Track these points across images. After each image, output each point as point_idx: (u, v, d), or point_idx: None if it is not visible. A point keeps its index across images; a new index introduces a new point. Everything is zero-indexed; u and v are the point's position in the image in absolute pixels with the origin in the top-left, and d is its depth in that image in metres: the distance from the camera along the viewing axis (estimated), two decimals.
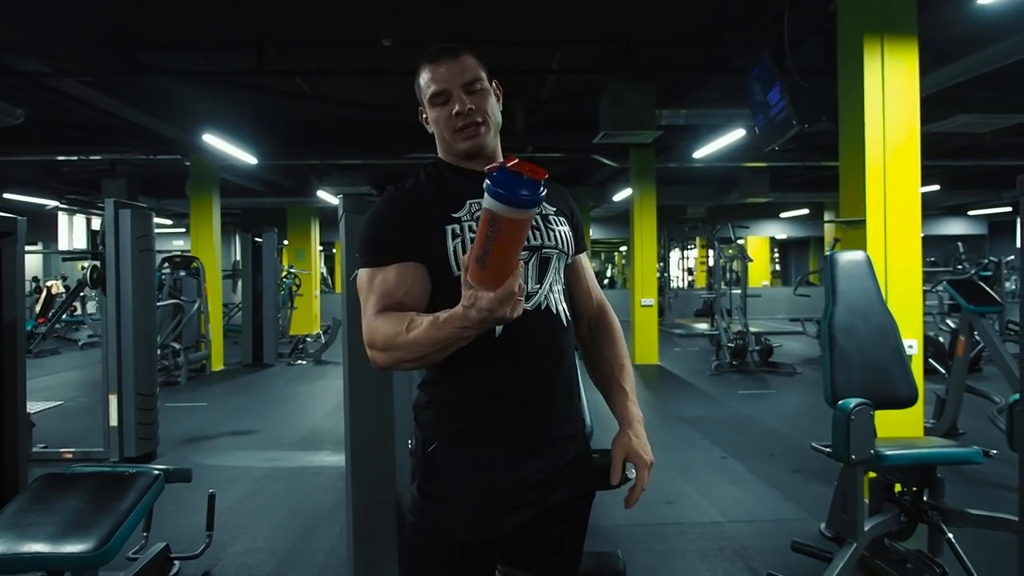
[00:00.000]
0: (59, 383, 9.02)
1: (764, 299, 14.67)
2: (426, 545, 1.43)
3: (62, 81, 6.15)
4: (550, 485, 1.44)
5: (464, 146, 1.47)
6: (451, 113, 1.45)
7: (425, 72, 1.47)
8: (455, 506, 1.40)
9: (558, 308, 1.46)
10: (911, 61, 4.26)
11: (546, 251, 1.46)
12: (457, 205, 1.43)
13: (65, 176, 12.60)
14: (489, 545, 1.41)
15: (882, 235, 4.23)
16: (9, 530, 2.53)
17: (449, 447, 1.42)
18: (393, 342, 1.30)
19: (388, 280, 1.38)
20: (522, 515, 1.41)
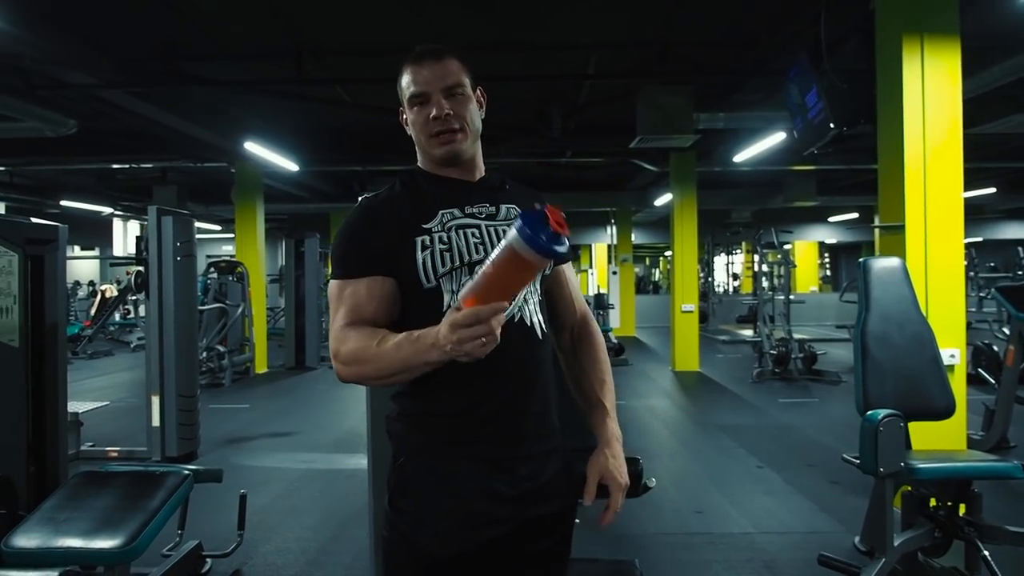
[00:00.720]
0: (110, 384, 9.31)
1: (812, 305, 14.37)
2: (399, 560, 1.40)
3: (111, 92, 6.35)
4: (527, 500, 1.39)
5: (439, 152, 1.44)
6: (428, 117, 1.43)
7: (407, 73, 1.45)
8: (425, 521, 1.36)
9: (533, 320, 1.41)
10: (952, 61, 4.14)
11: None
12: (429, 215, 1.41)
13: (119, 183, 13.02)
14: (461, 560, 1.36)
15: (922, 241, 4.11)
16: (45, 525, 2.63)
17: (419, 461, 1.39)
18: (359, 356, 1.30)
19: (358, 294, 1.37)
20: (495, 530, 1.37)
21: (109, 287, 14.34)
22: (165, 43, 6.04)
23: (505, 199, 1.49)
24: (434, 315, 1.32)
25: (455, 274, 1.36)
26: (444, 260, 1.36)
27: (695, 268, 10.44)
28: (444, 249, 1.37)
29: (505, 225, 1.43)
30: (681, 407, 7.59)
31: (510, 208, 1.48)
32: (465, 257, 1.37)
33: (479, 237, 1.40)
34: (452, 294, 1.36)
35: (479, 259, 1.37)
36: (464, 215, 1.42)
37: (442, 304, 1.36)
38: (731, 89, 7.22)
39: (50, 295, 3.49)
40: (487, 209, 1.45)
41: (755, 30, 5.63)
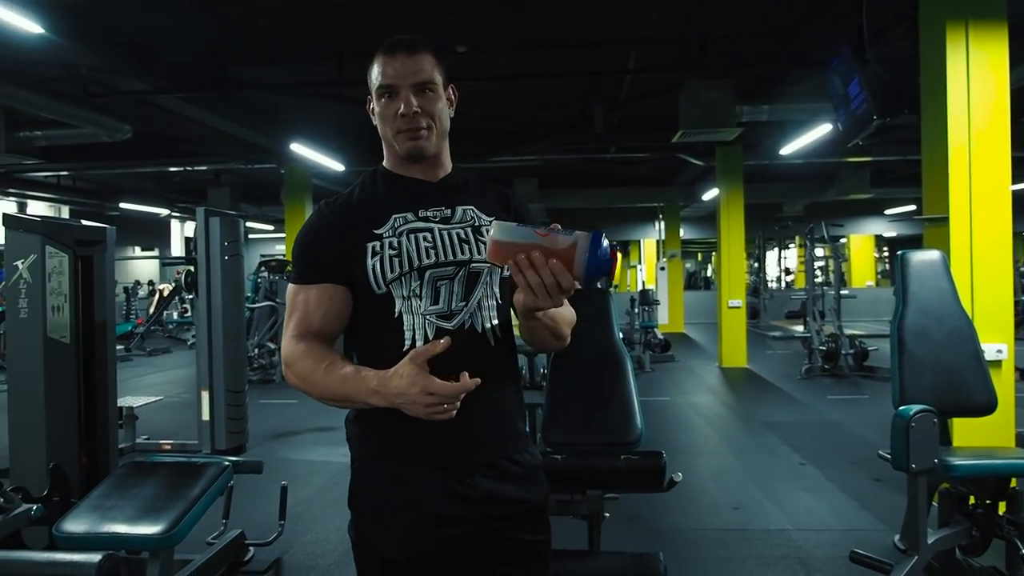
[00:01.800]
0: (166, 380, 9.63)
1: (868, 300, 14.05)
2: (363, 562, 1.41)
3: (162, 98, 6.58)
4: (484, 502, 1.37)
5: (404, 147, 1.42)
6: (396, 112, 1.40)
7: (377, 63, 1.42)
8: (381, 524, 1.37)
9: (485, 327, 1.38)
10: (999, 49, 4.01)
11: (475, 266, 1.40)
12: (381, 220, 1.40)
13: (175, 186, 13.46)
14: (420, 562, 1.36)
15: (967, 233, 4.00)
16: (93, 511, 2.76)
17: (372, 465, 1.41)
18: (306, 378, 1.35)
19: (308, 301, 1.39)
20: (451, 531, 1.36)
21: (166, 286, 14.83)
22: (212, 49, 6.24)
23: (464, 200, 1.47)
24: (385, 321, 1.37)
25: (404, 279, 1.36)
26: (393, 266, 1.36)
27: (742, 263, 10.30)
28: (393, 255, 1.37)
29: (460, 228, 1.42)
30: (726, 403, 7.51)
31: (467, 210, 1.46)
32: (415, 262, 1.37)
33: (431, 241, 1.39)
34: (403, 299, 1.36)
35: (429, 264, 1.37)
36: (417, 218, 1.42)
37: (393, 309, 1.37)
38: (774, 81, 7.10)
39: (99, 294, 3.65)
40: (442, 212, 1.44)
41: (796, 20, 5.54)
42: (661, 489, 2.61)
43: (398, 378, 1.24)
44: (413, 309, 1.36)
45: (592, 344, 3.12)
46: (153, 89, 6.34)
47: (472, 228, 1.44)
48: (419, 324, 1.36)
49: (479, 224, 1.45)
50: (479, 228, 1.44)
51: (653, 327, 10.65)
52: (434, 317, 1.36)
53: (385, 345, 1.36)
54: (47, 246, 3.37)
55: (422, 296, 1.36)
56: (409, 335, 1.36)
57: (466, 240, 1.41)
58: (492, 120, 8.06)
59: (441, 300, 1.37)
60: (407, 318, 1.36)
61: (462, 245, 1.41)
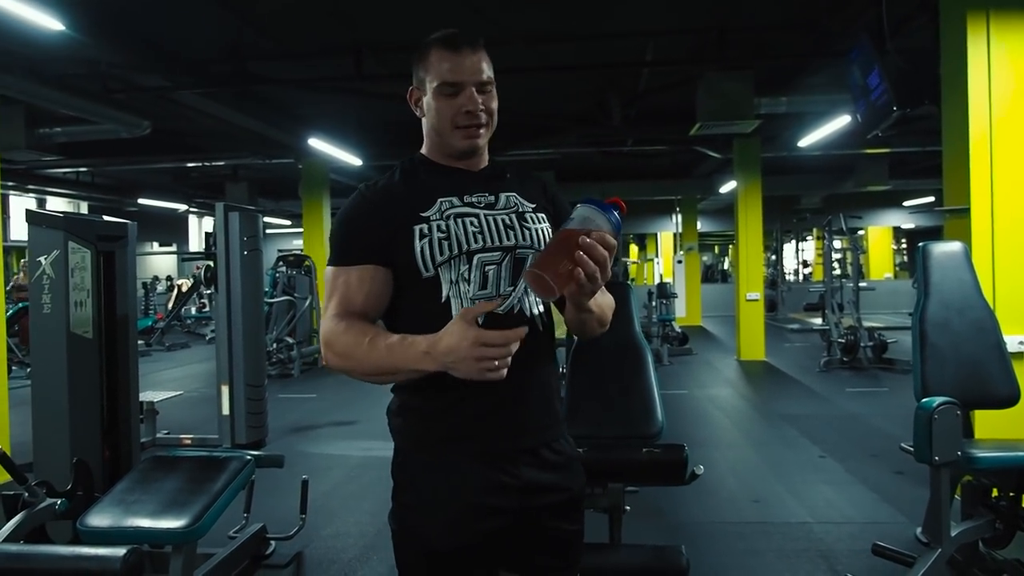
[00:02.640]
0: (186, 374, 9.72)
1: (887, 292, 13.92)
2: (407, 554, 1.41)
3: (181, 94, 6.63)
4: (528, 490, 1.38)
5: (462, 144, 1.43)
6: (459, 109, 1.40)
7: (440, 57, 1.40)
8: (428, 515, 1.37)
9: (533, 311, 1.39)
10: (1020, 38, 3.95)
11: (520, 251, 1.40)
12: (427, 204, 1.40)
13: (193, 181, 13.55)
14: (466, 552, 1.37)
15: (989, 224, 3.96)
16: (116, 506, 2.78)
17: (419, 456, 1.41)
18: (349, 352, 1.32)
19: (350, 283, 1.38)
20: (497, 521, 1.37)
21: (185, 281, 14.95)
22: (231, 45, 6.26)
23: (505, 188, 1.48)
24: (432, 305, 1.35)
25: (453, 263, 1.35)
26: (443, 248, 1.36)
27: (760, 256, 10.24)
28: (443, 237, 1.36)
29: (504, 214, 1.43)
30: (744, 396, 7.48)
31: (510, 196, 1.46)
32: (464, 246, 1.36)
33: (477, 226, 1.39)
34: (450, 283, 1.36)
35: (478, 248, 1.37)
36: (463, 204, 1.41)
37: (440, 293, 1.36)
38: (792, 73, 7.05)
39: (121, 289, 3.68)
40: (486, 198, 1.44)
41: (815, 11, 5.49)
42: (683, 482, 2.60)
43: (448, 336, 1.22)
44: (461, 293, 1.36)
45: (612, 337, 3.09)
46: (172, 85, 6.37)
47: (516, 214, 1.44)
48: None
49: (523, 211, 1.46)
50: (523, 215, 1.45)
51: (671, 320, 10.62)
52: (484, 301, 1.34)
53: (432, 330, 1.29)
54: (70, 242, 3.41)
55: (470, 280, 1.36)
56: None
57: (511, 226, 1.42)
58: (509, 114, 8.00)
59: (489, 284, 1.37)
60: (455, 302, 1.36)
61: (508, 231, 1.41)
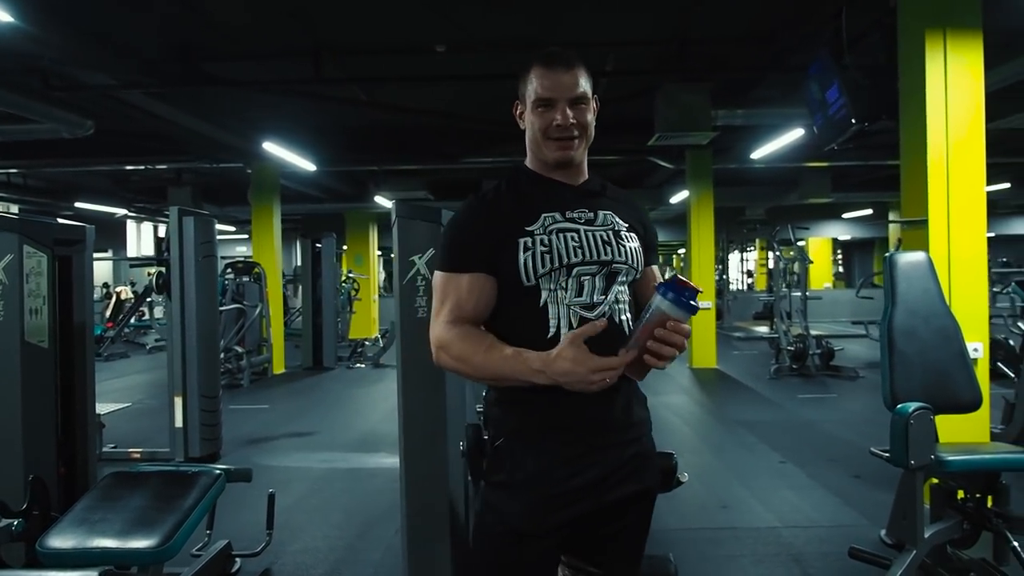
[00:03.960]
0: (128, 385, 9.37)
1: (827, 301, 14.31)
2: (487, 532, 1.53)
3: (128, 93, 6.39)
4: (606, 483, 1.50)
5: (554, 155, 1.54)
6: (551, 123, 1.51)
7: (537, 75, 1.52)
8: (515, 495, 1.48)
9: (621, 318, 1.52)
10: (975, 56, 4.11)
11: (615, 266, 1.53)
12: (532, 218, 1.51)
13: (133, 185, 13.09)
14: (544, 535, 1.48)
15: (945, 235, 4.09)
16: (79, 526, 2.64)
17: (514, 441, 1.51)
18: (465, 358, 1.46)
19: (461, 289, 1.50)
20: (576, 509, 1.48)
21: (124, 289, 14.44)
22: (184, 44, 6.08)
23: (603, 206, 1.60)
24: (531, 312, 1.48)
25: (554, 275, 1.47)
26: (544, 261, 1.47)
27: (712, 265, 10.42)
28: (544, 251, 1.47)
29: (602, 231, 1.55)
30: (701, 404, 7.58)
31: (607, 215, 1.58)
32: (564, 259, 1.48)
33: (578, 241, 1.50)
34: (550, 292, 1.48)
35: (577, 261, 1.49)
36: (564, 219, 1.53)
37: (539, 299, 1.48)
38: (749, 85, 7.19)
39: (78, 296, 3.52)
40: (586, 215, 1.55)
41: (774, 26, 5.61)
42: (669, 489, 2.59)
43: (562, 360, 1.36)
44: (558, 300, 1.48)
45: None
46: (120, 84, 6.14)
47: (613, 232, 1.56)
48: (564, 314, 1.48)
49: (618, 229, 1.57)
50: (619, 232, 1.57)
51: None
52: (578, 308, 1.48)
53: (530, 332, 1.47)
54: (25, 246, 3.24)
55: (567, 288, 1.48)
56: (554, 323, 1.47)
57: (608, 243, 1.54)
58: (468, 120, 8.03)
59: (584, 292, 1.49)
60: (552, 308, 1.48)
61: (605, 247, 1.53)
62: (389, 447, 5.67)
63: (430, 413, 2.95)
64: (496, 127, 8.11)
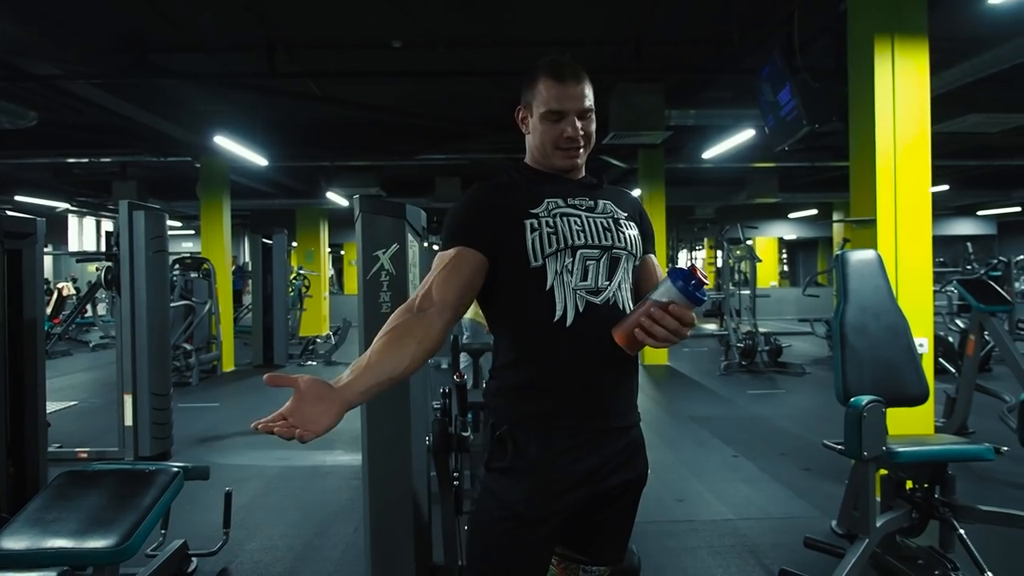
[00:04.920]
0: (72, 384, 9.08)
1: (773, 300, 14.65)
2: (487, 517, 1.55)
3: (74, 84, 6.20)
4: (603, 470, 1.54)
5: (562, 163, 1.62)
6: (561, 134, 1.57)
7: (547, 85, 1.57)
8: (517, 481, 1.51)
9: (625, 305, 1.56)
10: (922, 61, 4.26)
11: (616, 251, 1.57)
12: (536, 202, 1.57)
13: (75, 178, 12.67)
14: (544, 520, 1.51)
15: (892, 235, 4.23)
16: (33, 526, 2.57)
17: (516, 430, 1.54)
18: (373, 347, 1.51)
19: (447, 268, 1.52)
20: (575, 495, 1.52)
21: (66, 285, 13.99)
22: (133, 34, 5.91)
23: (602, 196, 1.66)
24: (537, 292, 1.51)
25: (559, 255, 1.51)
26: (551, 242, 1.52)
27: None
28: (551, 232, 1.52)
29: (603, 218, 1.61)
30: (654, 399, 7.68)
31: (606, 203, 1.64)
32: (568, 241, 1.52)
33: (580, 225, 1.56)
34: (555, 274, 1.51)
35: (581, 244, 1.54)
36: (567, 205, 1.59)
37: (546, 282, 1.51)
38: (702, 86, 7.33)
39: (28, 291, 3.41)
40: (587, 202, 1.62)
41: (727, 28, 5.72)
42: None
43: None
44: (564, 283, 1.51)
45: None
46: (65, 74, 5.95)
47: (612, 219, 1.62)
48: (570, 296, 1.51)
49: (617, 217, 1.63)
50: (618, 220, 1.63)
51: None
52: (584, 292, 1.52)
53: (537, 315, 1.51)
54: None
55: (573, 272, 1.52)
56: (560, 306, 1.50)
57: (608, 229, 1.59)
58: (422, 117, 7.99)
59: (589, 277, 1.53)
60: (558, 291, 1.51)
61: (606, 233, 1.58)
62: (345, 444, 5.62)
63: (394, 410, 2.94)
64: (451, 124, 8.10)
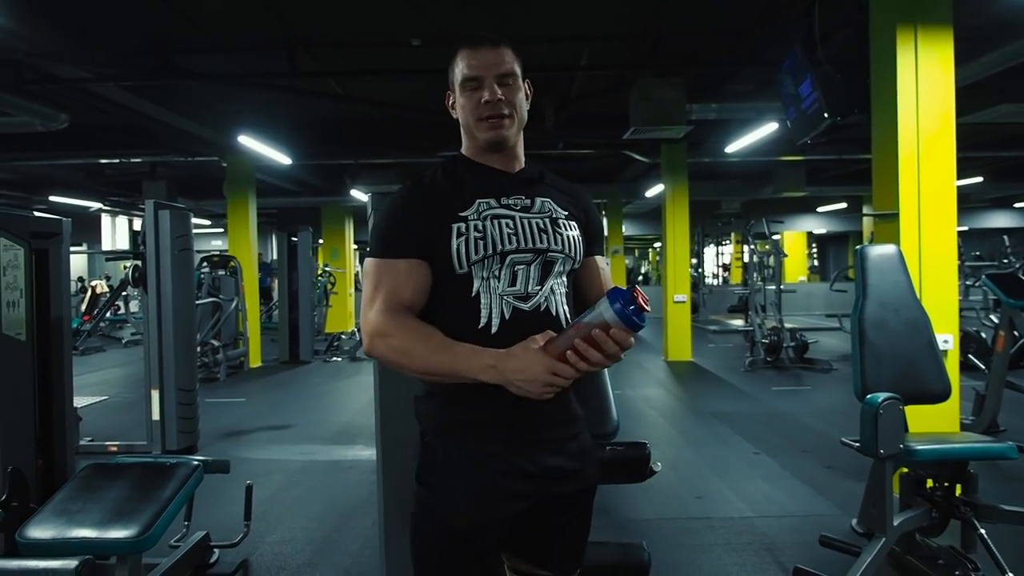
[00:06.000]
0: (104, 379, 9.28)
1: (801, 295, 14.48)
2: (426, 534, 1.45)
3: (102, 86, 6.33)
4: (548, 479, 1.44)
5: (486, 136, 1.49)
6: (480, 101, 1.47)
7: (462, 57, 1.49)
8: (449, 494, 1.42)
9: (558, 311, 1.46)
10: (945, 51, 4.19)
11: (551, 255, 1.47)
12: (466, 204, 1.46)
13: (107, 179, 12.93)
14: (483, 533, 1.43)
15: (916, 228, 4.17)
16: (58, 516, 2.64)
17: (445, 439, 1.45)
18: (410, 350, 1.39)
19: (397, 275, 1.43)
20: (517, 505, 1.43)
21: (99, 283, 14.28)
22: (157, 37, 6.02)
23: (541, 193, 1.55)
24: (463, 299, 1.43)
25: (487, 262, 1.42)
26: (477, 248, 1.42)
27: (687, 259, 10.50)
28: (478, 237, 1.42)
29: (539, 218, 1.49)
30: (676, 396, 7.66)
31: (545, 202, 1.53)
32: (498, 246, 1.43)
33: (512, 228, 1.45)
34: (483, 280, 1.42)
35: (511, 249, 1.43)
36: (500, 205, 1.48)
37: (471, 291, 1.42)
38: (723, 80, 7.26)
39: (55, 289, 3.49)
40: (522, 201, 1.51)
41: (747, 20, 5.67)
42: (643, 479, 2.64)
43: (518, 360, 1.30)
44: (491, 289, 1.42)
45: None
46: (93, 77, 6.07)
47: (550, 220, 1.51)
48: (496, 303, 1.42)
49: (556, 216, 1.52)
50: (556, 220, 1.51)
51: None
52: (511, 298, 1.42)
53: (461, 322, 1.41)
54: (1, 238, 3.20)
55: (500, 278, 1.43)
56: (486, 313, 1.42)
57: (544, 230, 1.48)
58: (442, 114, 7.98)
59: (518, 283, 1.44)
60: (484, 297, 1.42)
61: (541, 235, 1.47)
62: (366, 439, 5.68)
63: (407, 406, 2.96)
64: None
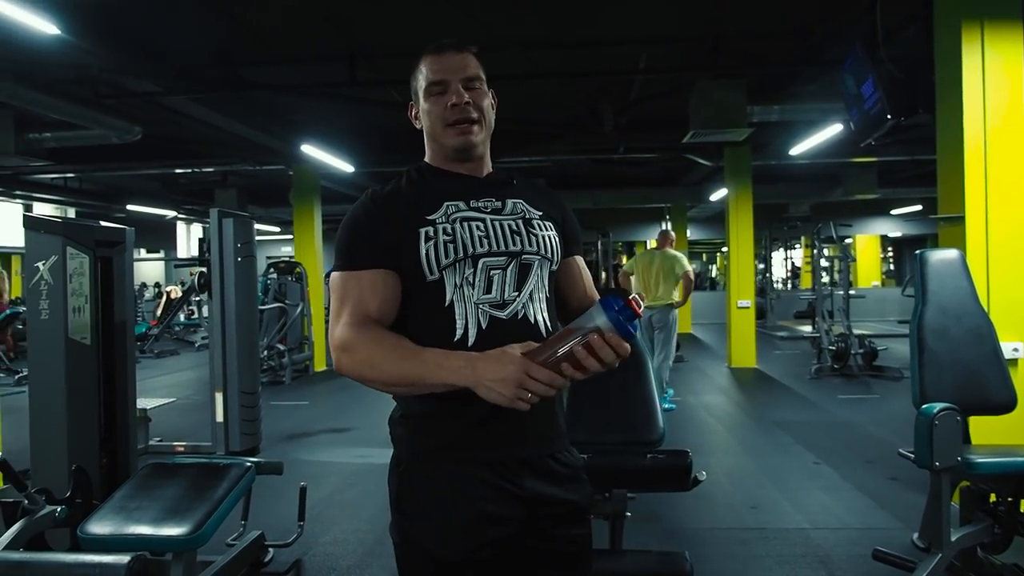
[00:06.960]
0: (176, 382, 9.65)
1: (874, 300, 14.04)
2: (411, 566, 1.39)
3: (172, 99, 6.60)
4: (533, 500, 1.37)
5: (454, 142, 1.43)
6: (447, 105, 1.42)
7: (426, 63, 1.45)
8: (430, 524, 1.35)
9: (537, 318, 1.38)
10: (1013, 47, 4.01)
11: (526, 257, 1.40)
12: (434, 207, 1.40)
13: (182, 188, 13.47)
14: (465, 562, 1.34)
15: (983, 232, 4.00)
16: (117, 513, 2.76)
17: (422, 464, 1.39)
18: (376, 363, 1.31)
19: (363, 288, 1.36)
20: (501, 531, 1.35)
21: (174, 288, 14.86)
22: (223, 51, 6.25)
23: (512, 195, 1.48)
24: (435, 309, 1.35)
25: (458, 266, 1.35)
26: (448, 251, 1.35)
27: (751, 263, 10.29)
28: (448, 240, 1.36)
29: (511, 220, 1.43)
30: (737, 403, 7.51)
31: (516, 203, 1.46)
32: (469, 249, 1.36)
33: (484, 230, 1.39)
34: (455, 287, 1.35)
35: (483, 252, 1.37)
36: (469, 208, 1.41)
37: (444, 297, 1.35)
38: (785, 81, 7.10)
39: (119, 295, 3.66)
40: (493, 203, 1.44)
41: (808, 20, 5.54)
42: (686, 488, 2.61)
43: (493, 360, 1.23)
44: (465, 298, 1.35)
45: None
46: (163, 90, 6.35)
47: (523, 221, 1.44)
48: (471, 313, 1.34)
49: (529, 217, 1.46)
50: (530, 221, 1.45)
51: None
52: (487, 306, 1.35)
53: (436, 335, 1.33)
54: (68, 247, 3.39)
55: (475, 284, 1.35)
56: (461, 323, 1.34)
57: (517, 232, 1.42)
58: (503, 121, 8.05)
59: (494, 290, 1.36)
60: (458, 307, 1.35)
61: (514, 237, 1.41)
62: None
63: None
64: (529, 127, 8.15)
